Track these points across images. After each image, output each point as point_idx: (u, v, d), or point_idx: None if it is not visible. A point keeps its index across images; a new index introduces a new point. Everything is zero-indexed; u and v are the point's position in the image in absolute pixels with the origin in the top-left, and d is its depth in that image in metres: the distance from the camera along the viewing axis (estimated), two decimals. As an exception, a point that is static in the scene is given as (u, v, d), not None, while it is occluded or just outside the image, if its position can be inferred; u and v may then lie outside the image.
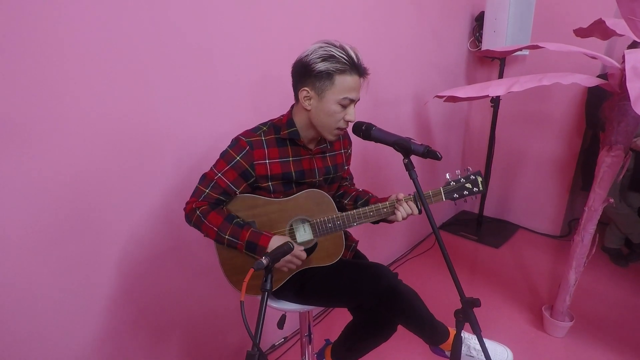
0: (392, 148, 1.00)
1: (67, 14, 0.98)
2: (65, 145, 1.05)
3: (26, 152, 0.98)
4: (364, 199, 1.25)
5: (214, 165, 1.08)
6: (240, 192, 1.09)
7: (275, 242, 1.05)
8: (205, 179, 1.08)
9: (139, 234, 1.27)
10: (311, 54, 0.99)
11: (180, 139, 1.30)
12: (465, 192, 1.13)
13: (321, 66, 0.98)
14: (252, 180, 1.08)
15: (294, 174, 1.11)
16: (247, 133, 1.09)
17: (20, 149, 0.97)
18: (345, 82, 1.00)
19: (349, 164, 1.33)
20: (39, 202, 1.03)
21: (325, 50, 0.98)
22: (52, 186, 1.05)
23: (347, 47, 1.00)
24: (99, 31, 1.04)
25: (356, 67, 1.00)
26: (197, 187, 1.09)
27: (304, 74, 1.01)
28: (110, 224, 1.19)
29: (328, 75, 0.98)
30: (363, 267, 1.17)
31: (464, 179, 1.13)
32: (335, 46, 0.99)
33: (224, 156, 1.07)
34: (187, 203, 1.09)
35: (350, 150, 1.31)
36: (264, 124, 1.12)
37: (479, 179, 1.13)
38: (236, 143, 1.07)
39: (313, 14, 1.60)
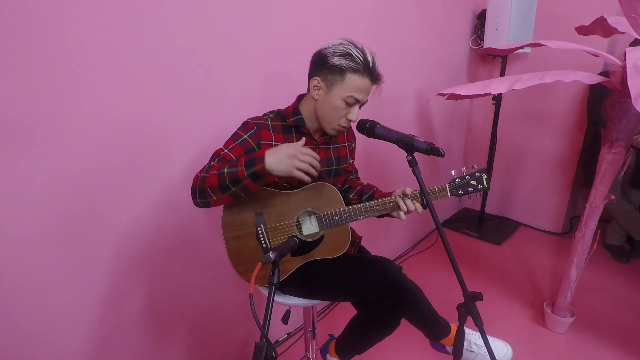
0: (395, 145, 1.02)
1: (73, 13, 0.99)
2: (71, 144, 1.06)
3: (32, 151, 1.00)
4: (368, 193, 1.27)
5: (223, 145, 1.10)
6: None
7: (271, 152, 0.96)
8: (213, 155, 1.10)
9: (144, 231, 1.28)
10: (331, 47, 1.02)
11: (187, 137, 1.31)
12: (470, 189, 1.14)
13: (336, 60, 1.01)
14: None
15: None
16: (255, 117, 1.13)
17: (27, 148, 0.99)
18: (355, 81, 1.02)
19: (354, 158, 1.35)
20: (45, 201, 1.05)
21: (345, 47, 1.01)
22: (58, 184, 1.06)
23: (367, 51, 1.03)
24: (106, 29, 1.06)
25: (369, 71, 1.03)
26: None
27: (319, 64, 1.05)
28: (116, 221, 1.21)
29: (340, 71, 1.01)
30: (368, 261, 1.18)
31: (469, 176, 1.14)
32: (355, 46, 1.02)
33: (233, 136, 1.10)
34: (193, 178, 1.05)
35: (354, 144, 1.33)
36: (270, 112, 1.16)
37: (484, 177, 1.14)
38: (245, 125, 1.11)
39: (317, 12, 1.61)
